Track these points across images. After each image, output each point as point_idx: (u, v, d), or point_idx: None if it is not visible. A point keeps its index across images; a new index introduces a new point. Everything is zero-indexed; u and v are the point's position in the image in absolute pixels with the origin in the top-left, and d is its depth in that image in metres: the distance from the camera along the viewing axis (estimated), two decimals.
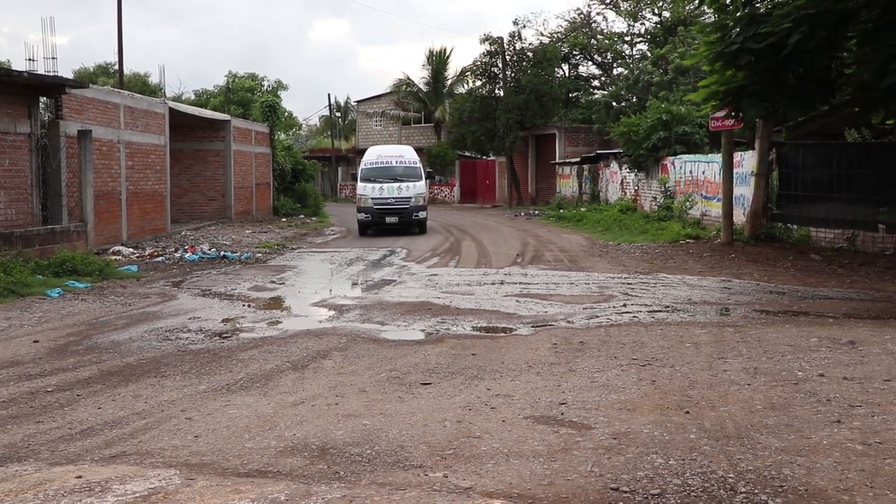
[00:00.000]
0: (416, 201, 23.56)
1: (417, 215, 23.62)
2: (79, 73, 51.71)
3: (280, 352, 7.95)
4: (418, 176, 24.16)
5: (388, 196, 23.43)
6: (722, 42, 12.22)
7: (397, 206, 23.38)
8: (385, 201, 23.43)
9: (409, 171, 24.28)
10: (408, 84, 49.58)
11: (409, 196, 23.54)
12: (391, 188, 23.58)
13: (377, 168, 24.39)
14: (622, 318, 9.54)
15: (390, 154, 25.29)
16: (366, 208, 23.64)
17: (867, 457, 4.61)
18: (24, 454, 5.01)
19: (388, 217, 23.28)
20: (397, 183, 23.70)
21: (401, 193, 23.51)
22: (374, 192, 23.52)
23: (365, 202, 23.64)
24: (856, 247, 15.33)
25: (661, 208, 23.76)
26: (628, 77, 38.29)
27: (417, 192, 23.67)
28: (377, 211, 23.39)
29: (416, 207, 23.55)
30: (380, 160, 24.66)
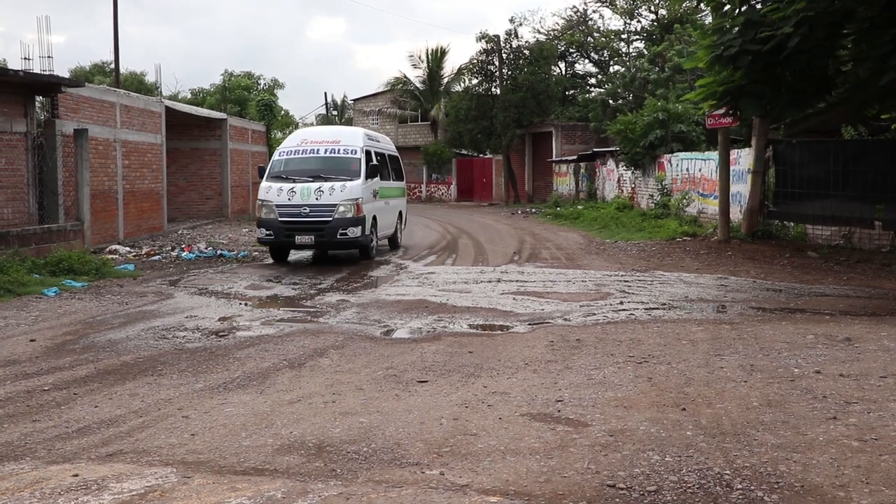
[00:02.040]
0: (345, 211, 15.06)
1: (346, 234, 15.07)
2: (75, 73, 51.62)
3: (277, 350, 7.95)
4: (354, 172, 15.67)
5: (301, 203, 15.14)
6: (720, 45, 12.22)
7: (313, 220, 15.09)
8: (294, 211, 15.15)
9: (341, 166, 15.88)
10: (404, 82, 49.55)
11: (331, 203, 15.05)
12: (306, 191, 15.25)
13: (296, 159, 16.32)
14: (619, 316, 9.55)
15: (321, 138, 16.81)
16: (267, 222, 15.26)
17: (863, 453, 4.62)
18: (21, 453, 5.01)
19: (298, 236, 15.11)
20: (317, 183, 15.36)
21: (320, 199, 15.11)
22: (280, 197, 15.24)
23: (267, 212, 15.35)
24: (852, 244, 15.36)
25: (658, 206, 23.79)
26: (625, 75, 38.28)
27: (349, 196, 15.16)
28: (282, 226, 15.11)
29: (344, 222, 15.02)
30: (303, 148, 16.51)
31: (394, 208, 18.29)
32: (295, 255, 16.85)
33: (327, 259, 16.65)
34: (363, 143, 16.48)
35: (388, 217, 17.71)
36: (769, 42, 11.38)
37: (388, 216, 17.70)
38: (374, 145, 17.26)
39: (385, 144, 18.93)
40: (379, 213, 16.58)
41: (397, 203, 18.72)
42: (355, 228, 15.16)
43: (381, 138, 19.23)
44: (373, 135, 18.62)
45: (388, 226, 17.70)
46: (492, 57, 40.64)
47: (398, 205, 18.84)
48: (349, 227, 15.11)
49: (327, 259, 16.65)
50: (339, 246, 15.98)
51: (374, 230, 16.16)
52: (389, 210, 17.79)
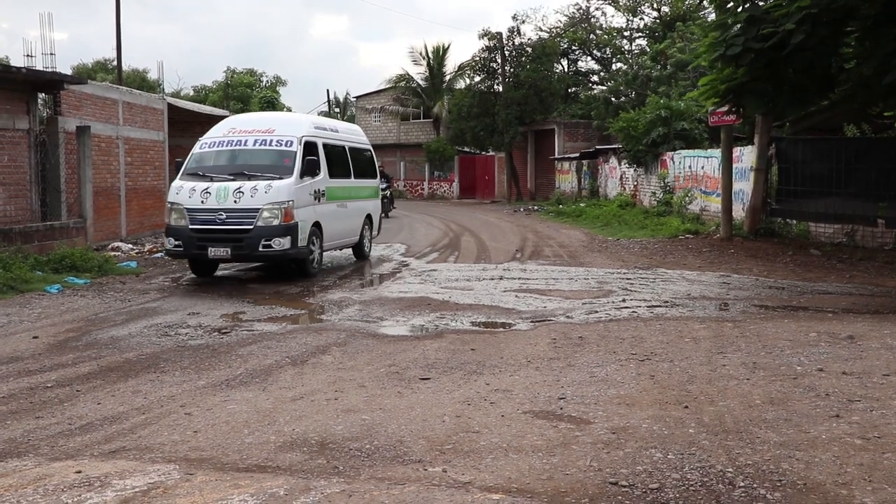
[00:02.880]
0: (269, 218, 12.12)
1: (270, 246, 12.14)
2: (77, 70, 51.70)
3: (279, 347, 7.95)
4: (286, 169, 12.66)
5: (216, 206, 12.23)
6: (722, 42, 12.21)
7: (230, 228, 12.20)
8: (207, 217, 12.28)
9: (270, 160, 12.90)
10: (407, 79, 49.54)
11: (253, 208, 12.14)
12: (223, 191, 12.28)
13: (218, 152, 13.31)
14: (621, 314, 9.55)
15: (252, 127, 13.57)
16: (176, 230, 12.48)
17: (866, 451, 4.62)
18: (24, 449, 5.01)
19: (211, 247, 12.22)
20: (238, 182, 12.39)
21: (240, 202, 12.19)
22: (192, 199, 12.37)
23: (176, 218, 12.53)
24: (855, 242, 15.34)
25: (661, 203, 23.78)
26: (627, 72, 38.26)
27: (275, 198, 12.17)
28: (192, 235, 12.28)
29: (268, 230, 12.11)
30: (228, 138, 13.40)
31: (356, 212, 15.30)
32: None
33: (329, 257, 16.64)
34: (304, 132, 13.33)
35: (346, 223, 14.73)
36: (772, 39, 11.36)
37: (346, 222, 14.71)
38: (325, 136, 14.18)
39: (348, 135, 15.86)
40: (327, 219, 13.56)
41: (363, 206, 15.69)
42: (282, 239, 12.16)
43: (341, 127, 16.36)
44: (328, 123, 15.96)
45: (345, 233, 14.77)
46: (494, 54, 40.64)
47: (364, 208, 15.79)
48: (274, 238, 12.12)
49: (329, 257, 16.64)
50: (262, 260, 13.07)
51: (316, 240, 13.17)
52: (348, 214, 14.76)
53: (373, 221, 16.39)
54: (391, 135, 52.68)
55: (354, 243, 15.57)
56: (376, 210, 16.77)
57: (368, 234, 16.13)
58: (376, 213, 16.74)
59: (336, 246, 14.79)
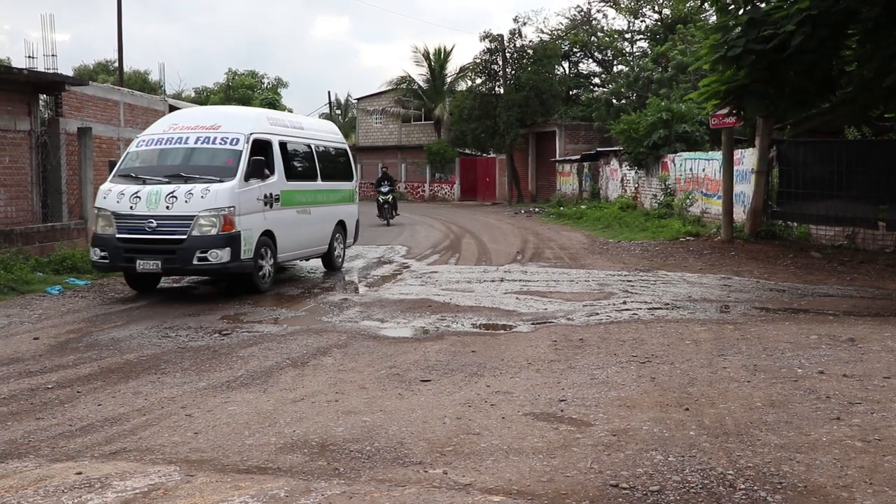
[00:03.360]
0: (206, 226, 10.69)
1: (207, 259, 10.68)
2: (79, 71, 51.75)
3: (280, 349, 7.95)
4: (228, 171, 11.11)
5: (146, 213, 10.80)
6: (724, 44, 12.22)
7: (161, 238, 10.78)
8: (136, 225, 10.86)
9: (212, 161, 11.41)
10: (408, 81, 49.57)
11: (187, 215, 10.71)
12: (154, 196, 10.85)
13: (155, 151, 11.80)
14: (622, 316, 9.55)
15: (195, 123, 12.01)
16: (102, 239, 11.08)
17: (866, 454, 4.62)
18: (25, 451, 5.02)
19: (140, 260, 10.79)
20: (173, 185, 10.92)
21: (172, 208, 10.76)
22: (121, 205, 10.94)
23: (103, 225, 11.14)
24: (856, 244, 15.33)
25: (662, 206, 23.77)
26: (629, 74, 38.25)
27: (212, 204, 10.73)
28: (119, 246, 10.88)
29: (204, 241, 10.67)
30: (168, 135, 11.82)
31: (324, 218, 13.75)
32: None
33: None
34: (254, 128, 11.76)
35: (310, 231, 13.17)
36: (772, 41, 11.37)
37: (310, 230, 13.16)
38: (282, 133, 12.58)
39: (316, 133, 14.22)
40: (283, 227, 12.04)
41: (333, 211, 14.15)
42: (221, 251, 10.65)
43: (308, 124, 14.66)
44: (289, 118, 14.21)
45: (309, 242, 13.24)
46: (495, 56, 40.65)
47: (334, 213, 14.23)
48: (212, 249, 10.63)
49: None
50: (198, 274, 11.80)
51: (268, 251, 11.67)
52: (312, 221, 13.21)
53: (347, 229, 14.74)
54: (392, 136, 52.70)
55: (322, 253, 13.95)
56: (352, 216, 15.11)
57: (341, 242, 14.55)
58: (351, 219, 15.07)
59: (297, 257, 13.37)
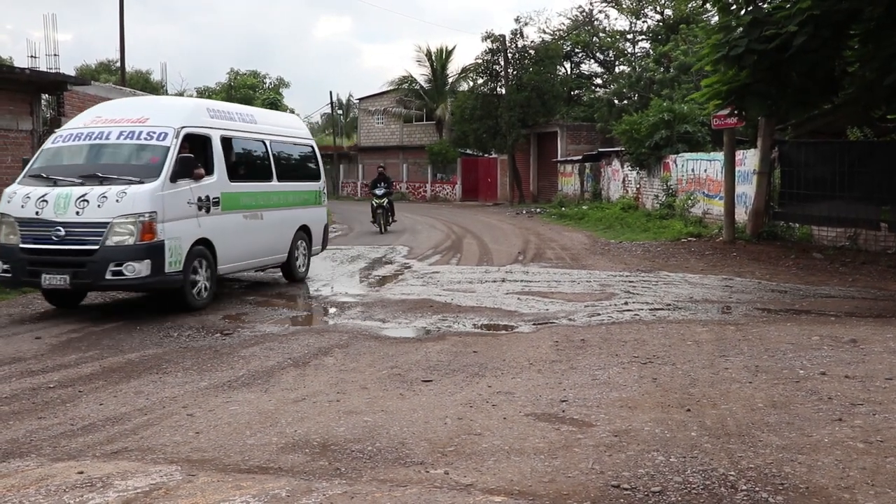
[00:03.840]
0: (122, 235, 9.32)
1: (122, 273, 9.28)
2: (81, 71, 51.80)
3: (281, 348, 7.95)
4: (151, 170, 9.72)
5: (52, 219, 9.41)
6: (726, 44, 12.21)
7: (69, 248, 9.39)
8: (42, 233, 9.49)
9: (134, 159, 10.01)
10: (409, 81, 49.58)
11: (100, 222, 9.31)
12: (62, 200, 9.45)
13: (72, 148, 10.36)
14: (624, 316, 9.54)
15: (121, 116, 10.47)
16: (5, 249, 9.70)
17: (868, 455, 4.61)
18: (26, 450, 5.02)
19: (46, 274, 9.38)
20: (86, 188, 9.54)
21: (83, 214, 9.36)
22: (26, 209, 9.58)
23: (6, 233, 9.75)
24: (858, 245, 15.32)
25: (663, 206, 23.76)
26: (630, 75, 38.26)
27: (129, 208, 9.34)
28: (23, 257, 9.54)
29: (119, 252, 9.28)
30: (88, 130, 10.32)
31: (282, 224, 12.36)
32: None
33: (333, 259, 16.64)
34: (186, 121, 10.28)
35: (263, 238, 11.73)
36: (774, 41, 11.36)
37: (263, 236, 11.72)
38: (226, 126, 11.10)
39: (273, 127, 12.64)
40: (224, 235, 10.62)
41: (294, 215, 12.77)
42: (138, 263, 9.23)
43: (262, 116, 12.82)
44: (236, 110, 12.21)
45: (262, 251, 11.77)
46: (497, 57, 40.65)
47: (296, 218, 12.85)
48: (128, 262, 9.21)
49: (333, 259, 16.64)
50: (112, 289, 10.38)
51: (204, 263, 10.23)
52: (266, 227, 11.77)
53: (312, 234, 13.35)
54: (394, 137, 52.74)
55: (281, 262, 12.56)
56: (317, 220, 13.68)
57: (304, 249, 13.14)
58: (317, 224, 13.65)
59: (246, 268, 11.88)
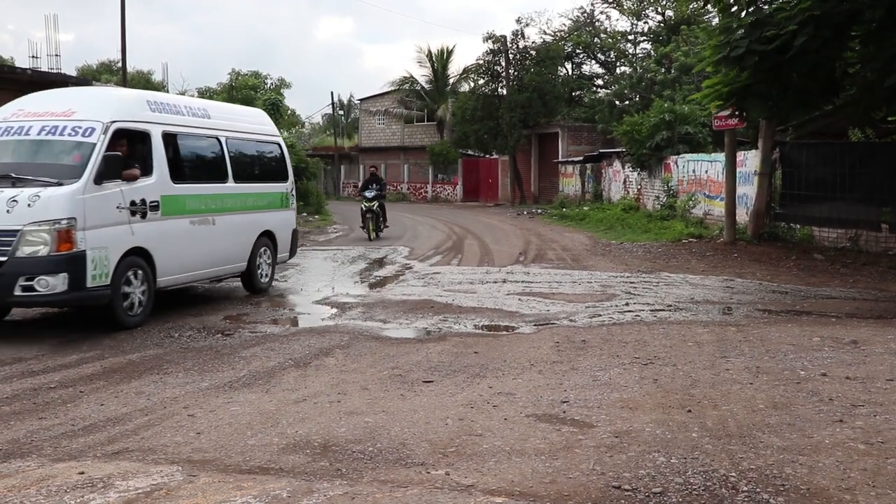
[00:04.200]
0: (34, 245, 8.16)
1: (34, 289, 8.14)
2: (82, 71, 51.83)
3: (282, 349, 7.96)
4: (73, 170, 8.63)
5: None
6: (726, 45, 12.22)
7: None
8: None
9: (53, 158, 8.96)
10: (410, 82, 49.61)
11: (10, 229, 8.17)
12: None
13: None
14: (624, 317, 9.54)
15: (45, 108, 9.39)
16: None
17: (869, 456, 4.61)
18: (27, 450, 5.02)
19: None
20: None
21: None
22: None
23: None
24: (859, 246, 15.31)
25: (664, 207, 23.76)
26: (632, 76, 38.27)
27: (43, 215, 8.18)
28: None
29: (30, 264, 8.13)
30: (10, 124, 9.26)
31: (240, 229, 11.15)
32: None
33: (333, 260, 16.65)
34: (118, 114, 9.19)
35: (216, 246, 10.57)
36: (775, 41, 11.37)
37: (215, 244, 10.56)
38: (169, 121, 9.88)
39: (227, 122, 11.32)
40: (166, 243, 9.52)
41: (255, 220, 11.60)
42: (53, 278, 8.14)
43: (217, 110, 11.50)
44: (184, 102, 10.83)
45: (216, 260, 10.64)
46: (498, 57, 40.65)
47: (258, 223, 11.68)
48: (41, 276, 8.13)
49: (333, 260, 16.65)
50: (25, 306, 9.25)
51: (139, 275, 9.13)
52: (220, 234, 10.64)
53: (277, 241, 12.14)
54: (395, 137, 52.75)
55: (240, 272, 11.40)
56: (284, 225, 12.48)
57: (268, 258, 11.94)
58: (284, 229, 12.45)
59: (195, 279, 10.58)
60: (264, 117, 12.95)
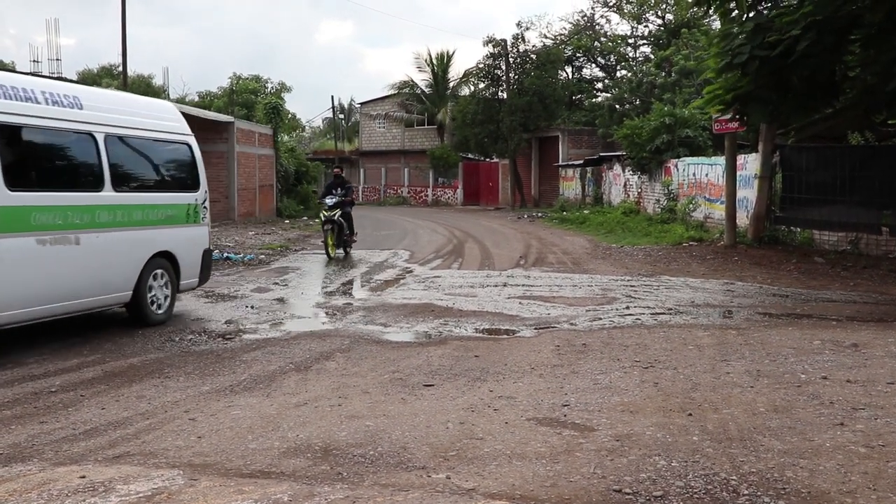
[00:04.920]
0: None
1: None
2: (83, 75, 51.87)
3: (283, 353, 7.96)
4: None
5: None
6: (729, 52, 12.24)
7: None
8: None
9: None
10: (411, 86, 49.67)
11: None
12: None
13: None
14: (625, 321, 9.54)
15: None
16: None
17: (870, 459, 4.61)
18: (29, 454, 5.02)
19: None
20: None
21: None
22: None
23: None
24: (859, 250, 15.32)
25: (665, 211, 23.77)
26: (632, 79, 38.31)
27: None
28: None
29: None
30: None
31: (120, 249, 9.06)
32: (289, 262, 16.83)
33: (331, 264, 16.67)
34: None
35: (83, 271, 8.53)
36: (778, 47, 11.38)
37: (81, 269, 8.51)
38: (12, 110, 7.80)
39: (108, 115, 9.15)
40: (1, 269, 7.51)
41: (144, 238, 9.47)
42: None
43: (92, 98, 9.18)
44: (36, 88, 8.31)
45: (82, 289, 8.58)
46: (499, 61, 40.73)
47: (150, 241, 9.55)
48: None
49: (331, 264, 16.67)
50: None
51: None
52: (87, 257, 8.58)
53: (179, 263, 9.96)
54: (395, 141, 52.80)
55: (121, 302, 9.33)
56: (189, 244, 10.23)
57: (165, 284, 9.78)
58: (190, 249, 10.22)
59: (45, 315, 8.20)
60: (170, 111, 10.68)
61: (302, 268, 15.81)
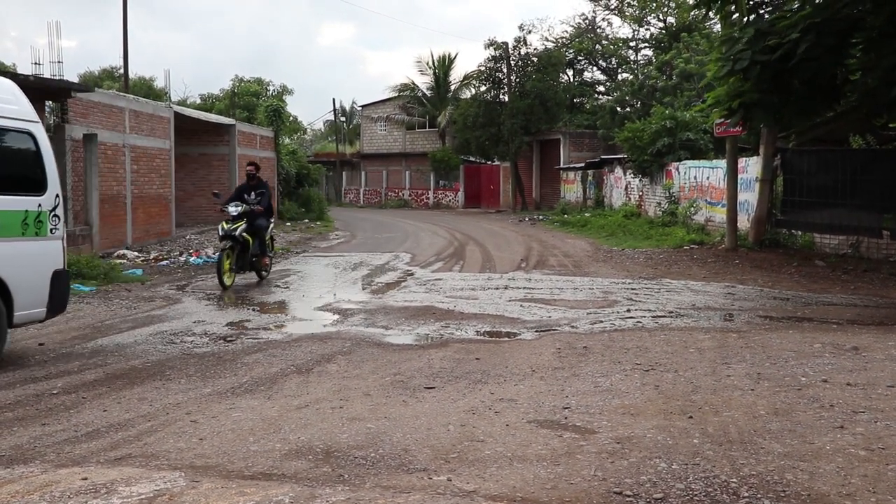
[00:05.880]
0: None
1: None
2: (84, 78, 51.89)
3: (284, 355, 7.97)
4: None
5: None
6: (730, 58, 12.25)
7: None
8: None
9: None
10: (412, 88, 49.71)
11: None
12: None
13: None
14: (626, 324, 9.55)
15: None
16: None
17: (870, 462, 4.62)
18: (31, 456, 5.03)
19: None
20: None
21: None
22: None
23: None
24: (860, 253, 15.32)
25: (666, 214, 23.78)
26: (633, 82, 38.31)
27: None
28: None
29: None
30: None
31: None
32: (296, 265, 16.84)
33: (335, 266, 16.68)
34: None
35: None
36: (778, 51, 11.40)
37: None
38: None
39: None
40: None
41: None
42: None
43: None
44: None
45: None
46: (500, 64, 40.71)
47: None
48: None
49: (335, 266, 16.68)
50: None
51: None
52: None
53: (12, 291, 7.37)
54: (397, 144, 52.84)
55: None
56: (29, 265, 7.67)
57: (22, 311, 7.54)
58: (29, 273, 7.65)
59: None
60: (6, 89, 7.67)
61: (303, 270, 15.83)
